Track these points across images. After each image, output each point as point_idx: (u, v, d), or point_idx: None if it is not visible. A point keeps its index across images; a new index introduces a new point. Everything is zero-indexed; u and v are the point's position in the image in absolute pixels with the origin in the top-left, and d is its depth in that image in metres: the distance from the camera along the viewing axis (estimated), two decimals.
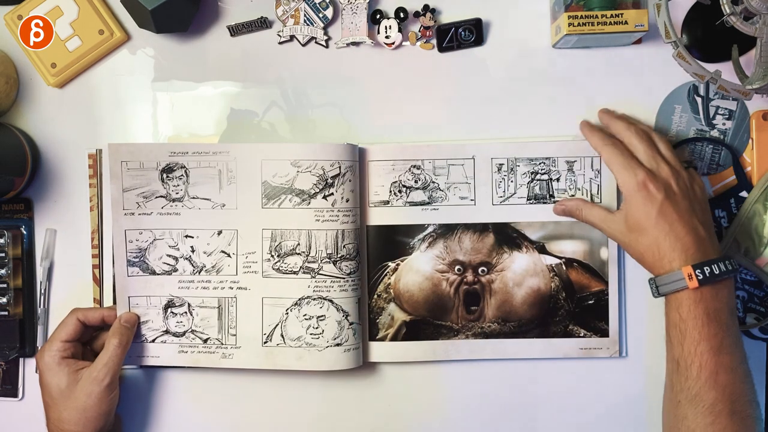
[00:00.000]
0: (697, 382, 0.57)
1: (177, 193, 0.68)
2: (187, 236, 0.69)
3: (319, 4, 0.70)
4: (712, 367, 0.57)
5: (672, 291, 0.60)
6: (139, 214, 0.69)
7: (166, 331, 0.69)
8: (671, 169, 0.62)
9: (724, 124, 0.70)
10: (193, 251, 0.69)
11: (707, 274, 0.58)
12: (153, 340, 0.70)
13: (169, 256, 0.69)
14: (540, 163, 0.69)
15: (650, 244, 0.61)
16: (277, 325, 0.68)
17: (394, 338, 0.71)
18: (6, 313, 0.71)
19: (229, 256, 0.69)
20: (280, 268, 0.68)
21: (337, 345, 0.68)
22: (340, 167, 0.67)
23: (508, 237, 0.70)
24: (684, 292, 0.59)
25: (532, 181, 0.70)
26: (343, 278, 0.68)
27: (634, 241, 0.62)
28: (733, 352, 0.58)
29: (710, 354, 0.57)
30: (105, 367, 0.64)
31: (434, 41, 0.71)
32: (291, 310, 0.68)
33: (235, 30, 0.71)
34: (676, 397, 0.59)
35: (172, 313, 0.69)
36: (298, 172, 0.67)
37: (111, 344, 0.65)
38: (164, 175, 0.68)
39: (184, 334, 0.69)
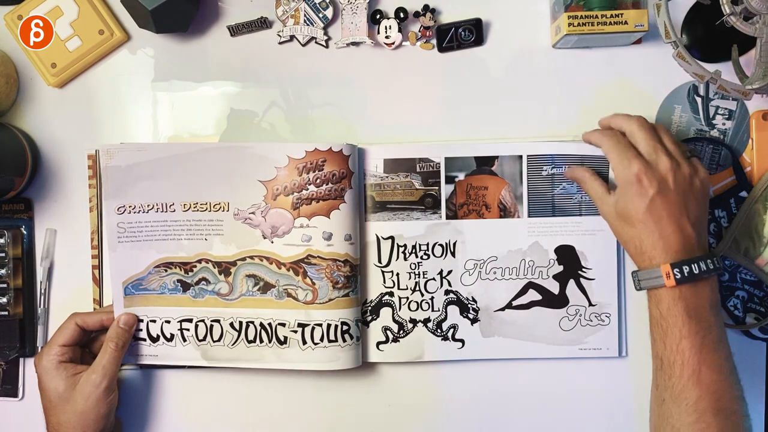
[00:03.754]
0: (680, 380, 0.57)
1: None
2: None
3: (319, 4, 0.70)
4: (695, 364, 0.56)
5: (651, 287, 0.59)
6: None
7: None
8: (671, 162, 0.60)
9: (724, 124, 0.70)
10: None
11: (685, 274, 0.57)
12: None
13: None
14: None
15: (634, 236, 0.60)
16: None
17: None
18: (6, 313, 0.71)
19: None
20: None
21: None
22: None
23: None
24: (663, 289, 0.58)
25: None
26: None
27: (620, 228, 0.62)
28: (716, 349, 0.57)
29: (692, 351, 0.57)
30: (102, 370, 0.64)
31: (434, 41, 0.71)
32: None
33: (235, 30, 0.71)
34: (661, 395, 0.59)
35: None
36: None
37: (108, 347, 0.65)
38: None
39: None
